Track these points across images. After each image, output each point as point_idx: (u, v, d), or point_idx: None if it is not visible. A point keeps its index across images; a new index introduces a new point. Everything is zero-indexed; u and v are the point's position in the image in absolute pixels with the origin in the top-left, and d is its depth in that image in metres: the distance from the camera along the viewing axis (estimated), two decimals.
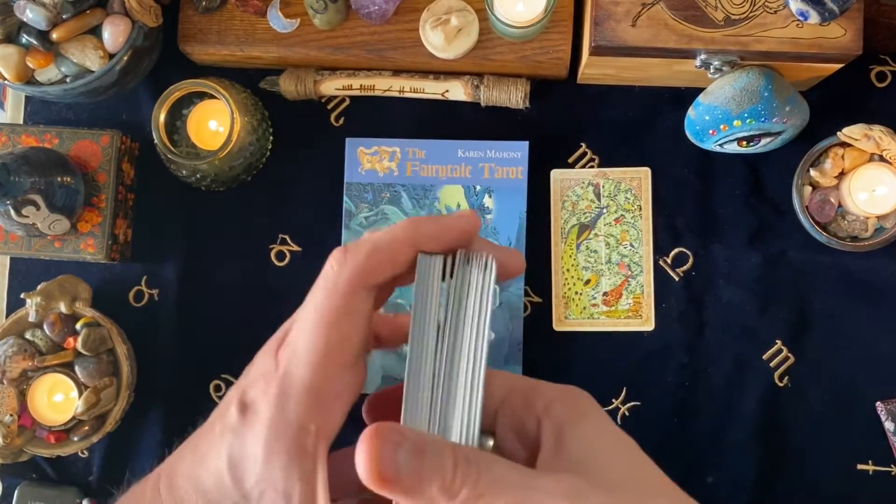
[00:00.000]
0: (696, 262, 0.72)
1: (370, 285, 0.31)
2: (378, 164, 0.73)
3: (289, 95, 0.74)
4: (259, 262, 0.75)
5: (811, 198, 0.69)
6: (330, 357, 0.30)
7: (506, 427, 0.32)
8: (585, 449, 0.29)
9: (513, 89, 0.71)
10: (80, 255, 0.72)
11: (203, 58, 0.74)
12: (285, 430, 0.29)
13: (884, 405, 0.69)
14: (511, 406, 0.32)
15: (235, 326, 0.74)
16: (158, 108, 0.69)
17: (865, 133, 0.66)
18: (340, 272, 0.30)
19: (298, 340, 0.31)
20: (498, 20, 0.65)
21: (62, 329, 0.69)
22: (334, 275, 0.30)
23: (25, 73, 0.67)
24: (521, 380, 0.33)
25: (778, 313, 0.71)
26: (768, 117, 0.64)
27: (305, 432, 0.30)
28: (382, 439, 0.26)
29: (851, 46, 0.62)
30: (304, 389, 0.30)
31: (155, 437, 0.73)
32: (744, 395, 0.71)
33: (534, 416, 0.31)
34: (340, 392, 0.31)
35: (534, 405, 0.31)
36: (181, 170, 0.71)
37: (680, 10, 0.63)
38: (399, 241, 0.31)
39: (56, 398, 0.70)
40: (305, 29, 0.71)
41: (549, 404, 0.31)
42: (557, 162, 0.74)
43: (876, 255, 0.70)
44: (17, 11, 0.65)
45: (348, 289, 0.30)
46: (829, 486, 0.70)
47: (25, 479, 0.73)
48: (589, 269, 0.72)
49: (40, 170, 0.66)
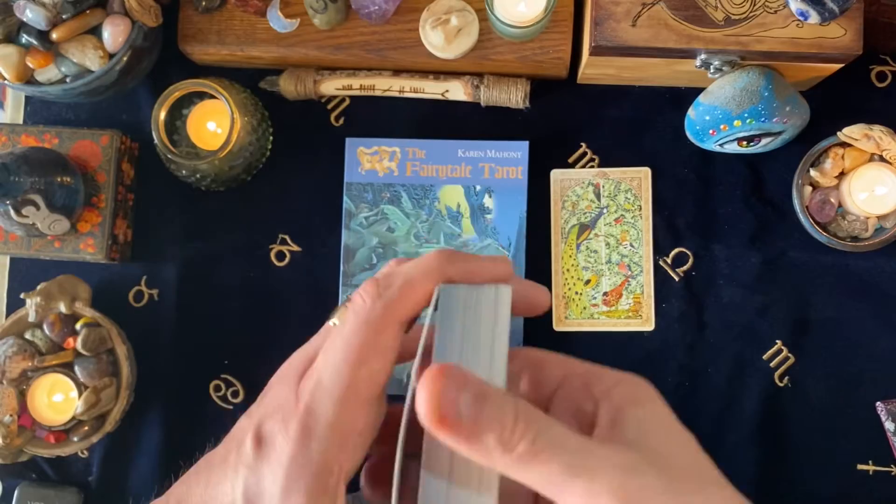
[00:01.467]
0: (696, 262, 0.72)
1: (402, 319, 0.30)
2: (378, 164, 0.73)
3: (289, 95, 0.74)
4: (259, 261, 0.75)
5: (811, 198, 0.69)
6: (357, 394, 0.29)
7: (562, 410, 0.31)
8: (642, 431, 0.28)
9: (513, 89, 0.71)
10: (79, 255, 0.72)
11: (203, 58, 0.74)
12: (306, 469, 0.29)
13: (884, 405, 0.69)
14: (569, 389, 0.31)
15: (235, 326, 0.74)
16: (158, 108, 0.69)
17: (866, 133, 0.66)
18: (373, 307, 0.29)
19: (324, 374, 0.30)
20: (498, 20, 0.65)
21: (62, 329, 0.69)
22: (367, 310, 0.29)
23: (25, 72, 0.67)
24: (580, 364, 0.32)
25: (778, 313, 0.71)
26: (768, 117, 0.64)
27: (328, 472, 0.29)
28: (447, 379, 0.25)
29: (852, 46, 0.62)
30: (329, 427, 0.29)
31: (155, 437, 0.73)
32: (744, 395, 0.71)
33: (592, 399, 0.30)
34: (363, 429, 0.30)
35: (593, 389, 0.30)
36: (181, 170, 0.71)
37: (680, 10, 0.63)
38: (431, 275, 0.30)
39: (56, 398, 0.70)
40: (305, 29, 0.71)
41: (609, 389, 0.30)
42: (557, 162, 0.74)
43: (876, 255, 0.70)
44: (17, 11, 0.65)
45: (381, 325, 0.29)
46: (829, 486, 0.70)
47: (25, 479, 0.73)
48: (589, 269, 0.72)
49: (40, 170, 0.66)
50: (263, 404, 0.32)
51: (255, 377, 0.74)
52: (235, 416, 0.72)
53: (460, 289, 0.29)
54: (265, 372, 0.77)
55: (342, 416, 0.29)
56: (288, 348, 0.77)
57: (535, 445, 0.25)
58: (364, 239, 0.73)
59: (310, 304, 0.74)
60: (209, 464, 0.32)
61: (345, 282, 0.72)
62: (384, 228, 0.73)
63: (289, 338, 0.73)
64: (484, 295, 0.29)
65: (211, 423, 0.73)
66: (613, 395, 0.30)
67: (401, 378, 0.71)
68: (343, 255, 0.73)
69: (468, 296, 0.29)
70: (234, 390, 0.74)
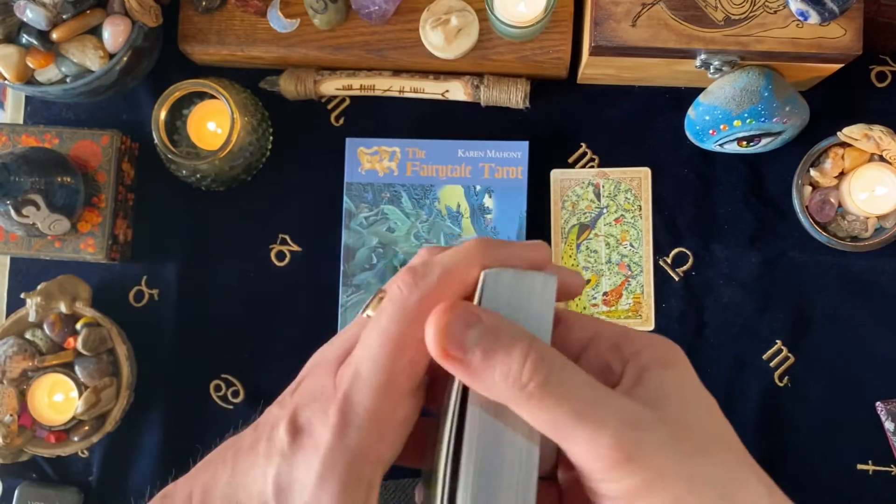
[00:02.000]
0: (696, 262, 0.72)
1: None
2: (378, 163, 0.73)
3: (289, 95, 0.74)
4: (259, 261, 0.75)
5: (811, 198, 0.69)
6: (396, 383, 0.29)
7: (588, 366, 0.30)
8: (664, 391, 0.28)
9: (513, 89, 0.71)
10: (80, 255, 0.72)
11: (203, 58, 0.74)
12: (343, 457, 0.28)
13: (884, 405, 0.69)
14: (598, 349, 0.31)
15: (235, 326, 0.74)
16: (158, 108, 0.69)
17: (865, 133, 0.66)
18: (410, 296, 0.29)
19: (363, 363, 0.29)
20: (498, 20, 0.65)
21: (62, 329, 0.69)
22: (403, 299, 0.29)
23: (25, 72, 0.67)
24: (610, 326, 0.32)
25: (778, 313, 0.71)
26: (768, 117, 0.64)
27: (364, 461, 0.29)
28: (454, 316, 0.26)
29: (851, 46, 0.62)
30: (368, 417, 0.28)
31: (155, 437, 0.73)
32: (744, 395, 0.71)
33: (621, 359, 0.30)
34: (402, 420, 0.30)
35: (623, 350, 0.30)
36: (181, 170, 0.71)
37: (680, 10, 0.63)
38: (470, 264, 0.30)
39: (56, 398, 0.70)
40: (305, 29, 0.71)
41: (638, 350, 0.30)
42: (557, 162, 0.74)
43: (876, 255, 0.70)
44: (17, 11, 0.65)
45: (419, 314, 0.29)
46: (829, 486, 0.70)
47: (25, 479, 0.73)
48: (589, 269, 0.72)
49: (40, 170, 0.66)
50: (298, 393, 0.31)
51: (256, 377, 0.74)
52: (236, 416, 0.73)
53: (506, 274, 0.29)
54: (265, 372, 0.78)
55: (381, 407, 0.29)
56: (288, 348, 0.77)
57: (545, 387, 0.25)
58: (364, 239, 0.73)
59: (310, 304, 0.74)
60: (236, 450, 0.32)
61: (345, 282, 0.73)
62: (384, 228, 0.73)
63: (289, 337, 0.74)
64: (530, 280, 0.29)
65: (211, 423, 0.73)
66: (642, 355, 0.30)
67: None
68: (343, 255, 0.73)
69: (515, 282, 0.29)
70: (235, 390, 0.74)
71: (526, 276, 0.29)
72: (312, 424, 0.29)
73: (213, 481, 0.31)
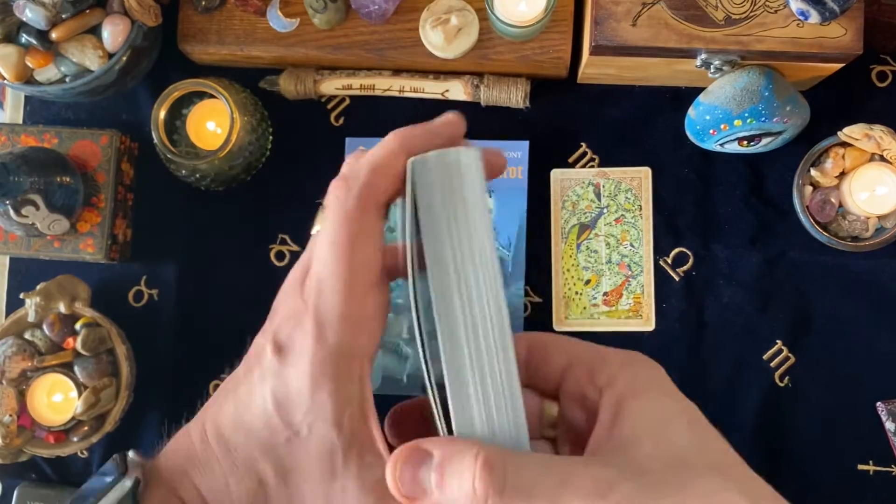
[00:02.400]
0: (696, 262, 0.72)
1: (378, 203, 0.31)
2: None
3: (289, 95, 0.74)
4: (259, 262, 0.75)
5: (812, 198, 0.69)
6: (356, 280, 0.30)
7: (569, 397, 0.32)
8: (641, 425, 0.29)
9: (513, 89, 0.71)
10: (79, 255, 0.72)
11: (203, 57, 0.74)
12: (328, 359, 0.30)
13: (884, 405, 0.69)
14: (574, 377, 0.32)
15: (235, 326, 0.74)
16: (158, 108, 0.69)
17: (866, 133, 0.66)
18: (347, 200, 0.30)
19: (322, 273, 0.31)
20: (498, 20, 0.65)
21: (61, 329, 0.69)
22: (341, 204, 0.30)
23: (25, 72, 0.67)
24: (585, 350, 0.32)
25: (778, 313, 0.71)
26: (769, 117, 0.64)
27: (350, 356, 0.30)
28: (406, 462, 0.27)
29: (852, 46, 0.62)
30: (339, 316, 0.30)
31: (154, 437, 0.73)
32: (744, 395, 0.71)
33: (597, 388, 0.31)
34: (372, 313, 0.31)
35: (597, 377, 0.31)
36: (181, 170, 0.71)
37: (680, 10, 0.63)
38: (394, 153, 0.31)
39: (55, 398, 0.70)
40: (305, 28, 0.71)
41: (613, 376, 0.31)
42: (557, 162, 0.74)
43: (876, 255, 0.70)
44: (17, 11, 0.65)
45: (359, 212, 0.30)
46: (829, 486, 0.69)
47: (25, 479, 0.73)
48: (589, 269, 0.72)
49: (40, 170, 0.66)
50: (274, 320, 0.33)
51: None
52: None
53: (431, 158, 0.30)
54: None
55: (349, 304, 0.30)
56: None
57: (504, 494, 0.26)
58: None
59: None
60: (235, 382, 0.34)
61: None
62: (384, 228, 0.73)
63: None
64: (455, 157, 0.30)
65: None
66: (617, 383, 0.30)
67: (400, 378, 0.71)
68: None
69: (441, 164, 0.30)
70: None
71: (449, 153, 0.30)
72: (293, 339, 0.31)
73: (221, 413, 0.34)
